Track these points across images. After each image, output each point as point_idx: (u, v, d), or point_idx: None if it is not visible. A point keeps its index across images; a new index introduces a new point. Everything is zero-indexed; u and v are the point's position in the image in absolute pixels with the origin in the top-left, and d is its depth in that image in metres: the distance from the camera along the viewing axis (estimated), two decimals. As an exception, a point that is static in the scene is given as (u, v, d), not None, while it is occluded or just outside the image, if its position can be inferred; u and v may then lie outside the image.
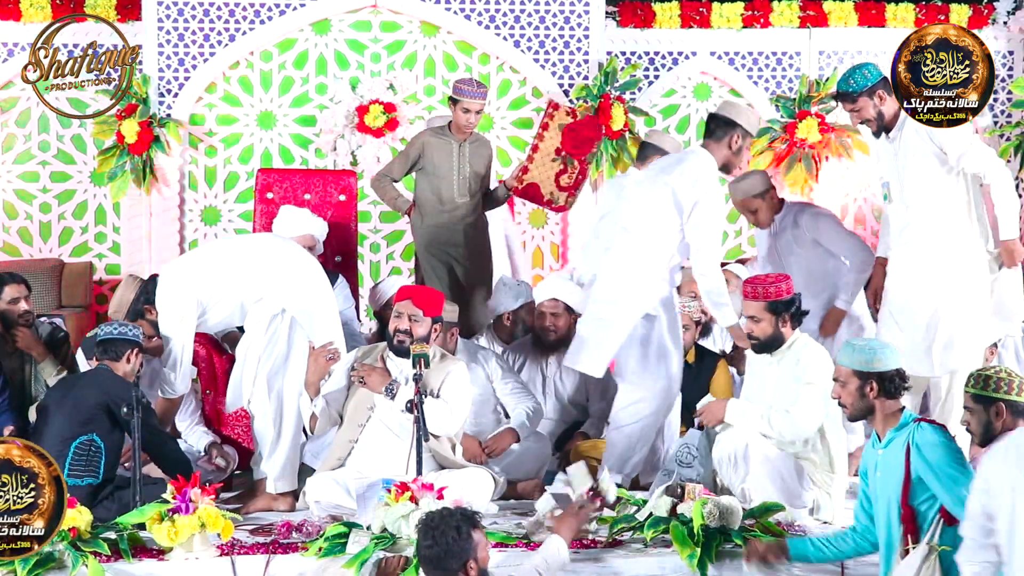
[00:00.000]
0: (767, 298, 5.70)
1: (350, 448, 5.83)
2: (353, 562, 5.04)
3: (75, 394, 5.72)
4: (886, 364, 4.72)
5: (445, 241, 7.29)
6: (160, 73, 8.71)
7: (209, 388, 6.81)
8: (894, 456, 4.62)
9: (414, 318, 5.85)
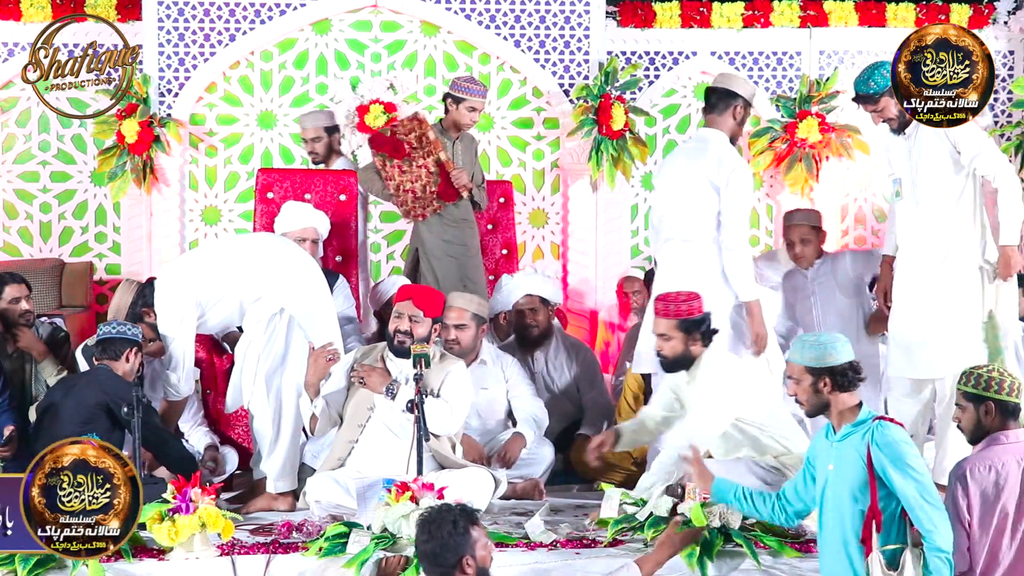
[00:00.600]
0: (679, 316, 5.66)
1: (350, 448, 5.83)
2: (353, 562, 5.05)
3: (75, 394, 5.73)
4: (837, 358, 4.69)
5: (449, 240, 7.29)
6: (160, 73, 8.71)
7: (209, 388, 6.82)
8: (850, 452, 4.60)
9: (415, 319, 5.86)
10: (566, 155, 9.03)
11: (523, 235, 8.99)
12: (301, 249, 6.49)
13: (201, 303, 6.05)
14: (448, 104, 7.30)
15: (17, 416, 6.26)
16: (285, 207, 7.35)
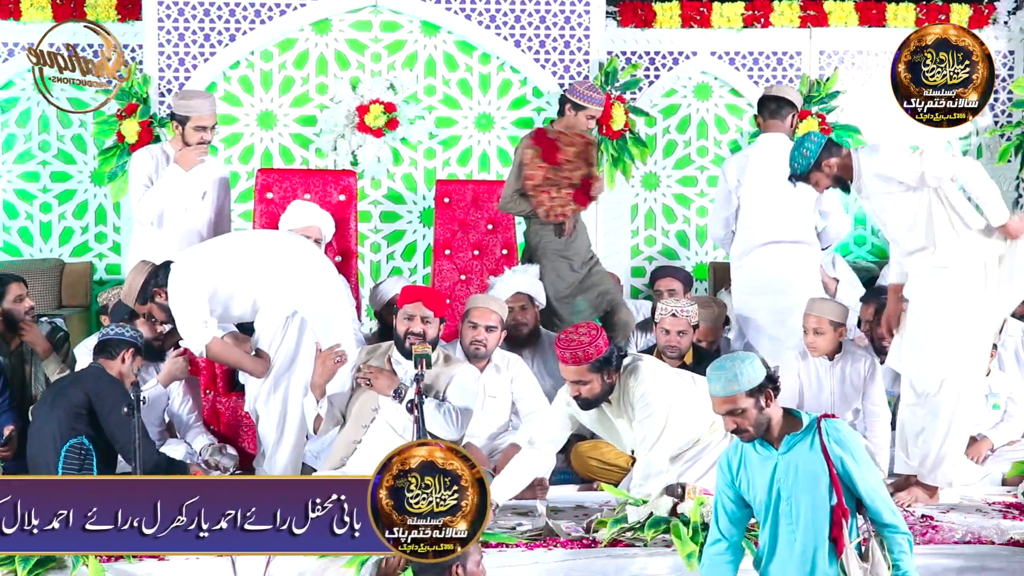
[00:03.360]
0: (588, 359, 5.52)
1: (353, 448, 5.83)
2: (353, 562, 5.04)
3: (63, 396, 5.73)
4: (761, 369, 4.53)
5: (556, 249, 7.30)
6: (160, 73, 8.71)
7: (209, 388, 6.81)
8: (804, 459, 4.47)
9: (426, 320, 5.85)
10: (566, 155, 9.02)
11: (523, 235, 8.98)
12: (319, 250, 6.51)
13: (215, 294, 6.05)
14: (567, 110, 7.27)
15: (17, 416, 6.28)
16: (292, 205, 7.35)
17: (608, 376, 5.58)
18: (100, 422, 5.65)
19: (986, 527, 5.66)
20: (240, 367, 6.28)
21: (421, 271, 8.92)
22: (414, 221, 9.06)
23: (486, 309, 6.39)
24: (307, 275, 6.19)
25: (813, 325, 6.56)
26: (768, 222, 7.31)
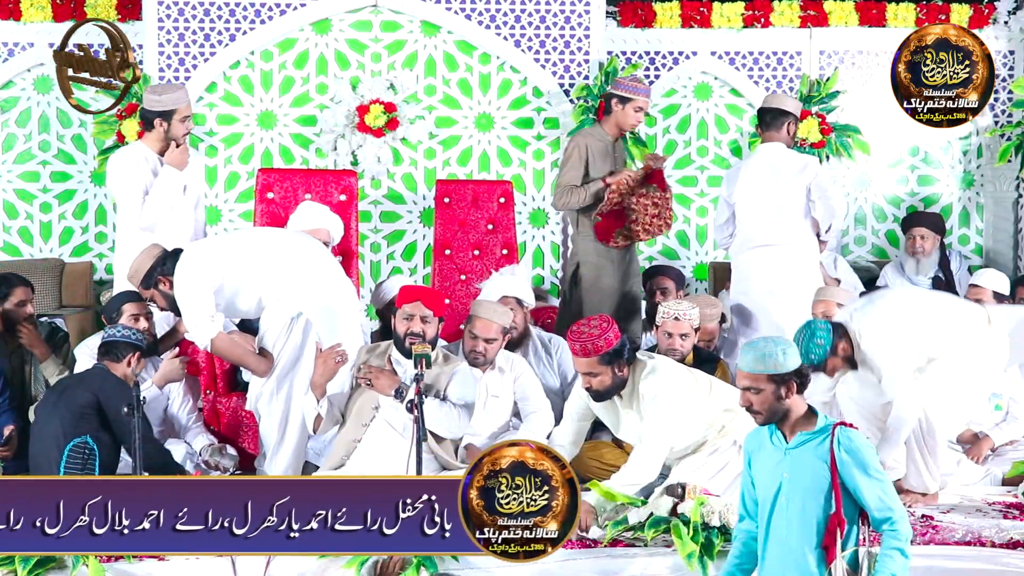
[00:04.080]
0: (598, 352, 5.53)
1: (353, 447, 5.83)
2: (353, 562, 5.04)
3: (68, 396, 5.73)
4: (796, 360, 4.55)
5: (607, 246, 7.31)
6: (160, 73, 8.70)
7: (209, 388, 6.81)
8: (809, 460, 4.47)
9: (426, 319, 5.84)
10: (566, 155, 9.02)
11: (523, 235, 8.99)
12: (327, 252, 6.51)
13: (221, 288, 6.05)
14: (613, 104, 7.22)
15: (17, 416, 6.28)
16: (302, 206, 7.35)
17: (619, 369, 5.59)
18: (110, 423, 5.64)
19: (986, 527, 5.66)
20: (243, 364, 6.28)
21: (421, 271, 8.92)
22: (414, 221, 9.06)
23: (488, 322, 6.37)
24: (314, 276, 6.20)
25: (821, 311, 6.61)
26: (760, 226, 7.40)
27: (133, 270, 6.20)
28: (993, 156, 9.33)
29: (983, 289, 7.15)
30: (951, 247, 9.24)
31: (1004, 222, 9.41)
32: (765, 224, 7.39)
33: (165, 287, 6.09)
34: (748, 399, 4.56)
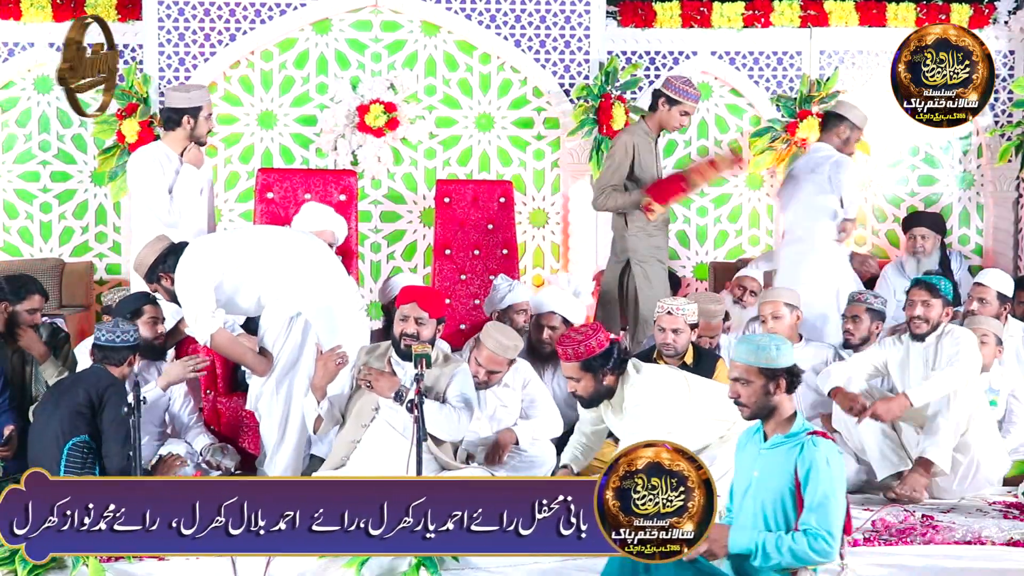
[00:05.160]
0: (579, 357, 5.51)
1: (353, 447, 5.83)
2: (353, 562, 5.04)
3: (66, 396, 5.73)
4: (789, 359, 4.57)
5: (659, 245, 7.31)
6: (160, 73, 8.71)
7: (209, 388, 6.81)
8: (778, 462, 4.48)
9: (420, 321, 5.84)
10: (566, 155, 9.03)
11: (523, 235, 8.99)
12: (330, 252, 6.51)
13: (221, 285, 6.06)
14: (660, 104, 7.26)
15: (17, 416, 6.28)
16: (306, 207, 7.35)
17: (602, 376, 5.56)
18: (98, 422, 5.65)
19: (986, 527, 5.66)
20: (243, 362, 6.28)
21: (421, 271, 8.92)
22: (414, 221, 9.06)
23: (493, 355, 6.34)
24: (313, 276, 6.19)
25: (769, 311, 6.88)
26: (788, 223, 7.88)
27: (138, 262, 6.25)
28: (993, 156, 9.33)
29: (988, 289, 7.14)
30: (951, 247, 9.24)
31: (1004, 222, 9.41)
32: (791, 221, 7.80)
33: (167, 282, 6.11)
34: (737, 390, 4.59)
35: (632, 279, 7.36)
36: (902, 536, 5.51)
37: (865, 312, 6.97)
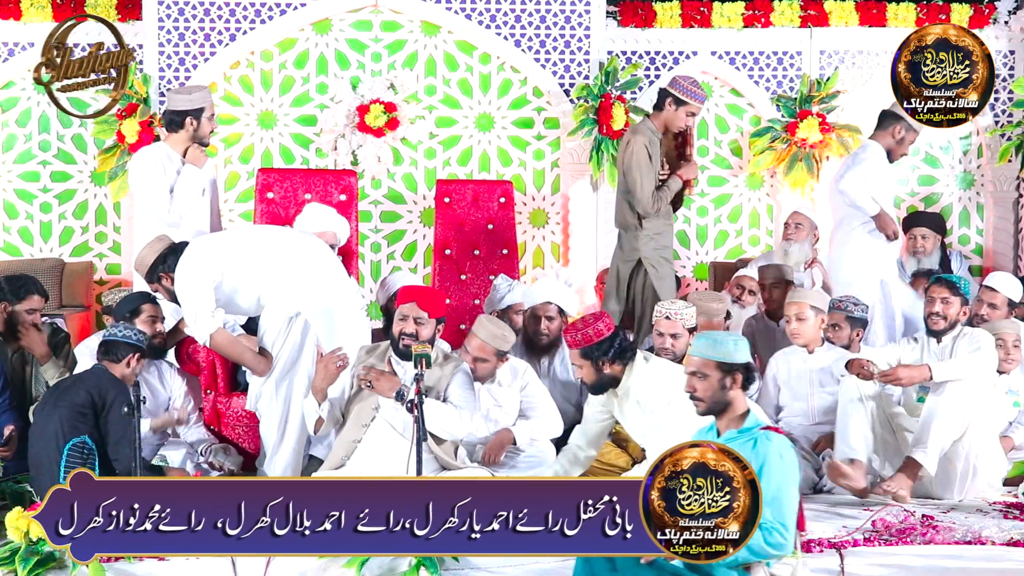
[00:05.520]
0: (577, 345, 5.57)
1: (353, 447, 5.82)
2: (353, 562, 5.03)
3: (66, 396, 5.72)
4: (745, 355, 4.59)
5: (667, 244, 7.31)
6: (160, 73, 8.71)
7: (209, 388, 6.81)
8: None
9: (419, 320, 5.82)
10: (566, 155, 9.03)
11: (523, 235, 9.00)
12: (331, 252, 6.50)
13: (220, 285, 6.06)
14: (667, 104, 7.22)
15: (17, 416, 6.28)
16: (308, 207, 7.35)
17: (602, 365, 5.59)
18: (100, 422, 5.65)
19: (986, 527, 5.66)
20: (242, 362, 6.28)
21: (421, 271, 8.92)
22: (414, 221, 9.07)
23: (483, 344, 6.34)
24: (313, 276, 6.19)
25: (794, 312, 6.73)
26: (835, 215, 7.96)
27: (138, 262, 6.25)
28: (993, 156, 9.33)
29: (997, 294, 7.07)
30: (951, 247, 9.24)
31: (1004, 222, 9.41)
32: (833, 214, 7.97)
33: (167, 282, 6.12)
34: (693, 384, 4.61)
35: (644, 278, 7.35)
36: (902, 536, 5.51)
37: (845, 320, 6.93)
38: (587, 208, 8.98)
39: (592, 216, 8.94)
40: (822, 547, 5.30)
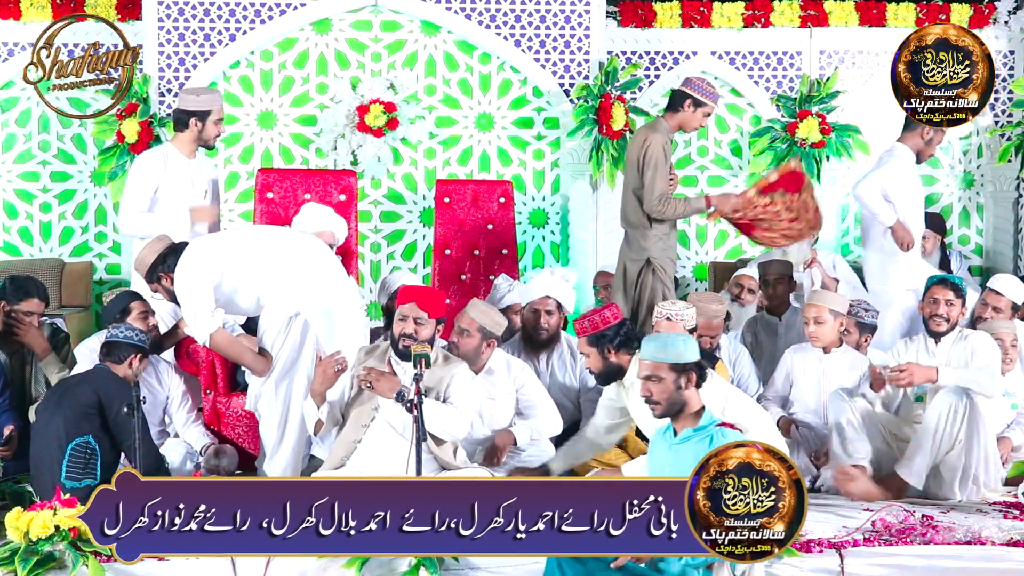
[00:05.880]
0: (584, 333, 5.66)
1: (353, 448, 5.82)
2: (353, 562, 5.03)
3: (70, 396, 5.72)
4: (695, 353, 4.62)
5: (672, 244, 7.29)
6: (160, 73, 8.71)
7: (209, 388, 6.81)
8: (688, 458, 4.51)
9: (419, 321, 5.81)
10: (566, 155, 9.03)
11: (523, 235, 8.99)
12: (330, 252, 6.50)
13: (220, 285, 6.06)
14: (685, 105, 7.14)
15: (17, 416, 6.28)
16: (306, 207, 7.35)
17: (608, 352, 5.67)
18: (108, 422, 5.64)
19: (986, 527, 5.65)
20: (241, 362, 6.28)
21: (421, 271, 8.92)
22: (414, 221, 9.07)
23: (471, 319, 6.37)
24: (312, 276, 6.19)
25: (813, 315, 6.69)
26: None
27: (138, 262, 6.26)
28: (993, 156, 9.34)
29: (1002, 297, 7.04)
30: (951, 247, 9.24)
31: (1004, 222, 9.41)
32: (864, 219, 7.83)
33: (167, 282, 6.12)
34: (648, 388, 4.65)
35: (653, 278, 7.34)
36: (902, 536, 5.50)
37: (855, 325, 6.91)
38: (587, 208, 8.98)
39: (592, 216, 8.93)
40: (822, 547, 5.28)
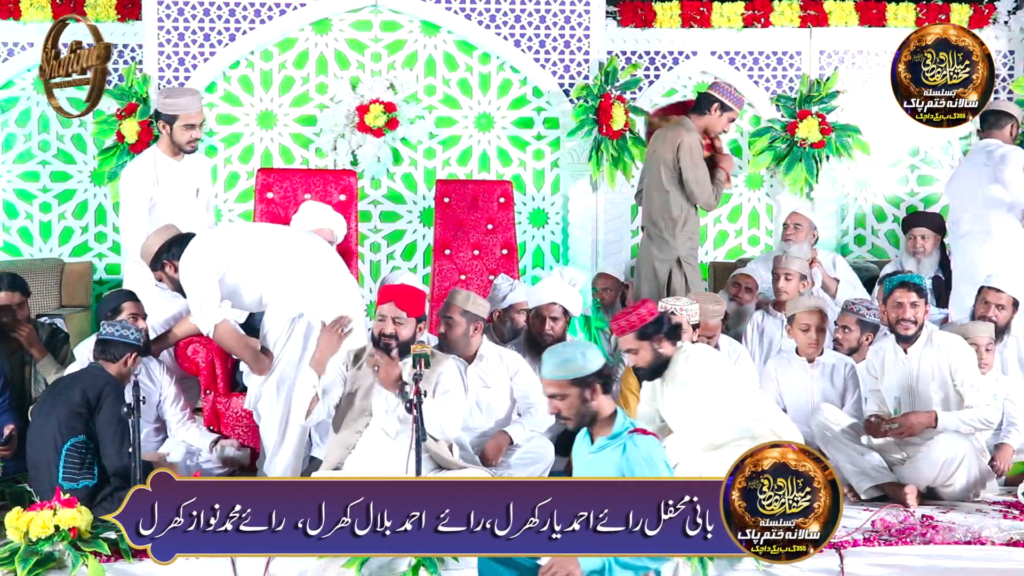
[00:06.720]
0: (633, 328, 5.63)
1: (347, 453, 5.81)
2: (353, 562, 5.04)
3: (64, 396, 5.72)
4: (597, 361, 4.57)
5: (696, 245, 7.35)
6: (160, 73, 8.71)
7: (209, 388, 6.81)
8: (605, 467, 4.51)
9: (398, 320, 5.77)
10: (566, 155, 9.03)
11: (523, 235, 8.99)
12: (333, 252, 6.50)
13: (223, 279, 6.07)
14: (713, 109, 7.23)
15: (17, 416, 6.29)
16: (305, 206, 7.35)
17: (658, 344, 5.68)
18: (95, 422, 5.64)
19: (986, 527, 5.66)
20: (242, 357, 6.28)
21: (421, 271, 8.92)
22: (414, 221, 9.07)
23: (458, 307, 6.39)
24: (316, 276, 6.19)
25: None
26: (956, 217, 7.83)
27: (144, 250, 6.27)
28: (993, 156, 9.33)
29: (1002, 294, 7.03)
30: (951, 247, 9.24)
31: (1004, 222, 9.40)
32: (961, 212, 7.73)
33: (171, 271, 6.13)
34: (556, 406, 4.58)
35: (684, 276, 7.40)
36: (902, 536, 5.51)
37: (856, 323, 6.91)
38: (587, 208, 8.98)
39: (592, 216, 8.93)
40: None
